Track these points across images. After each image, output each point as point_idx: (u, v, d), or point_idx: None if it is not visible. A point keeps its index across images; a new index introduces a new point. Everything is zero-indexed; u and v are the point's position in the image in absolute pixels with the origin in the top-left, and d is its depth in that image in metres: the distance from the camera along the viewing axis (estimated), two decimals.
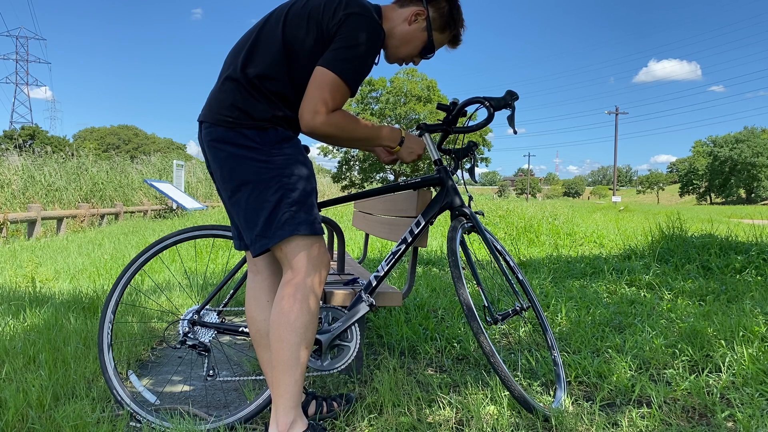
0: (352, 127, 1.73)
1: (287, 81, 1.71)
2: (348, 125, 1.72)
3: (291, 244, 1.68)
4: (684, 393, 2.16)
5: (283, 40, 1.70)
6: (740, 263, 4.67)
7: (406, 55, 1.92)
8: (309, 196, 1.72)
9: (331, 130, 1.67)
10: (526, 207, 13.78)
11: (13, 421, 1.88)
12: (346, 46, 1.66)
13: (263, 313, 1.83)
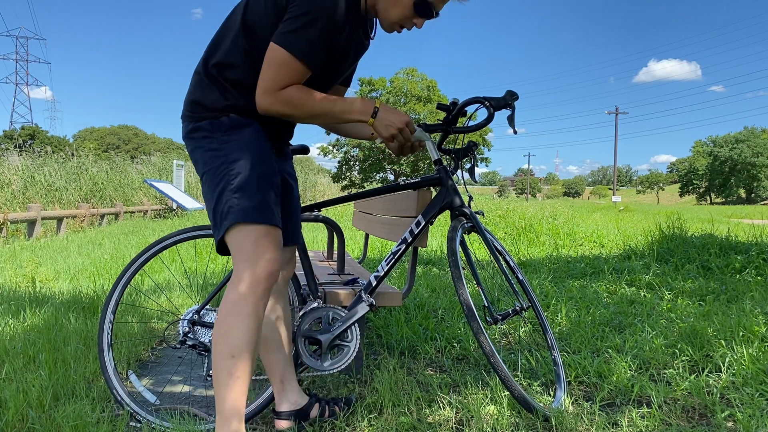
0: (309, 103, 1.58)
1: (247, 66, 1.62)
2: (303, 101, 1.57)
3: (232, 235, 1.55)
4: (684, 393, 2.16)
5: (242, 24, 1.62)
6: (740, 263, 4.67)
7: (399, 16, 1.69)
8: (256, 181, 1.57)
9: (283, 108, 1.57)
10: (526, 207, 13.78)
11: (13, 421, 1.88)
12: (294, 17, 1.53)
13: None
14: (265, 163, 1.62)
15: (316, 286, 2.11)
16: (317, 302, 2.05)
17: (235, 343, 1.52)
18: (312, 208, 2.29)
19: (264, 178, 1.59)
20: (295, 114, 1.61)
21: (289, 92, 1.56)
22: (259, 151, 1.62)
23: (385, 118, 1.68)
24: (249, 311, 1.53)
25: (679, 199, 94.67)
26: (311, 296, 2.07)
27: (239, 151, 1.59)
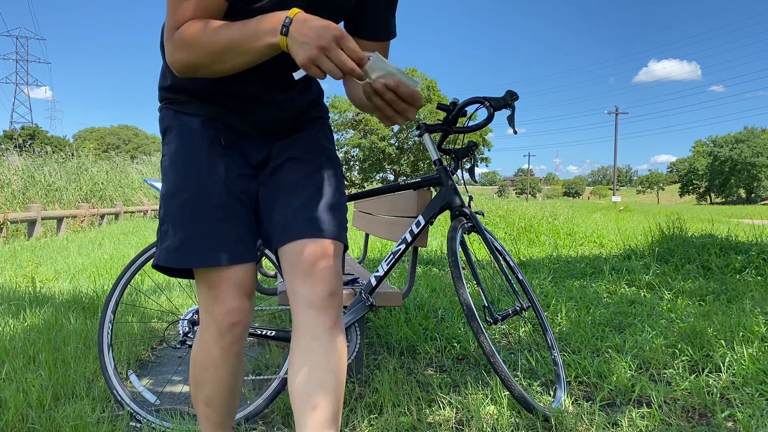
0: (205, 37, 1.08)
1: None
2: (198, 36, 1.08)
3: (196, 278, 1.27)
4: (684, 393, 2.16)
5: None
6: (740, 263, 4.67)
7: None
8: (179, 211, 1.21)
9: (181, 54, 1.09)
10: (526, 207, 13.78)
11: (13, 421, 1.88)
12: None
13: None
14: (191, 185, 1.20)
15: None
16: None
17: (207, 394, 1.34)
18: None
19: (191, 205, 1.20)
20: (196, 59, 1.09)
21: (183, 30, 1.09)
22: (185, 165, 1.22)
23: (300, 32, 0.99)
24: (218, 363, 1.30)
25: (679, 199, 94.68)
26: None
27: (168, 166, 1.25)
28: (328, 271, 1.20)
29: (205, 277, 1.22)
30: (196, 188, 1.20)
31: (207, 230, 1.19)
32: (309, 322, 1.17)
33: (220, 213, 1.20)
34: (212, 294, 1.22)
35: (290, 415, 2.03)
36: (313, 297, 1.17)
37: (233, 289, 1.22)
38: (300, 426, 1.14)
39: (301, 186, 1.26)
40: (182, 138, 1.24)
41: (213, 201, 1.20)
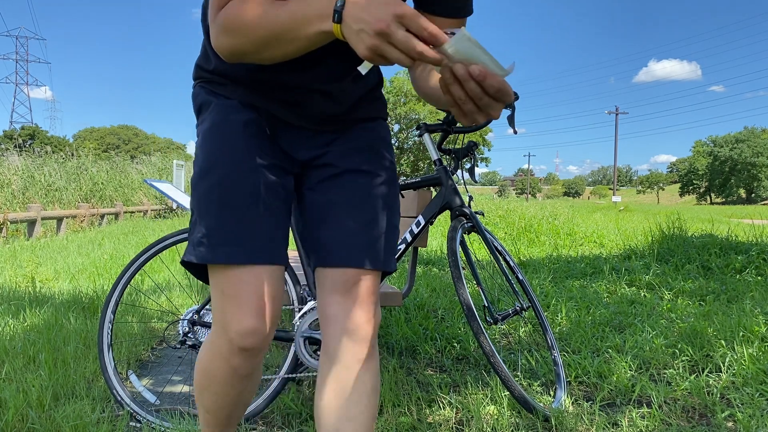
0: (252, 21, 0.93)
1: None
2: (245, 20, 0.93)
3: (210, 281, 1.09)
4: (684, 393, 2.16)
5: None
6: (740, 263, 4.67)
7: None
8: (205, 197, 1.06)
9: (229, 40, 0.95)
10: (526, 207, 13.78)
11: (13, 421, 1.88)
12: None
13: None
14: (222, 166, 1.05)
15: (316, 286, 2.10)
16: (317, 302, 2.05)
17: (207, 404, 1.21)
18: None
19: (220, 189, 1.04)
20: (241, 46, 0.95)
21: (228, 12, 0.95)
22: (217, 143, 1.07)
23: (355, 17, 0.82)
24: (223, 380, 1.13)
25: (679, 199, 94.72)
26: (311, 296, 2.07)
27: (199, 145, 1.11)
28: (372, 300, 1.10)
29: (221, 281, 1.04)
30: (227, 170, 1.05)
31: (236, 220, 1.03)
32: (342, 351, 1.07)
33: (253, 202, 1.04)
34: (228, 302, 1.03)
35: (291, 415, 2.03)
36: (351, 325, 1.07)
37: (254, 301, 1.03)
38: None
39: (360, 206, 1.11)
40: (218, 114, 1.10)
41: (246, 187, 1.04)
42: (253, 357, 1.08)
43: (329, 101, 1.11)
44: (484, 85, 0.79)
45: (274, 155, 1.09)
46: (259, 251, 1.03)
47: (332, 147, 1.14)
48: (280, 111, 1.10)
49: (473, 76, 0.79)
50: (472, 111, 0.83)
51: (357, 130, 1.16)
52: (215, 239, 1.03)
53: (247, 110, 1.09)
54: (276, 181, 1.07)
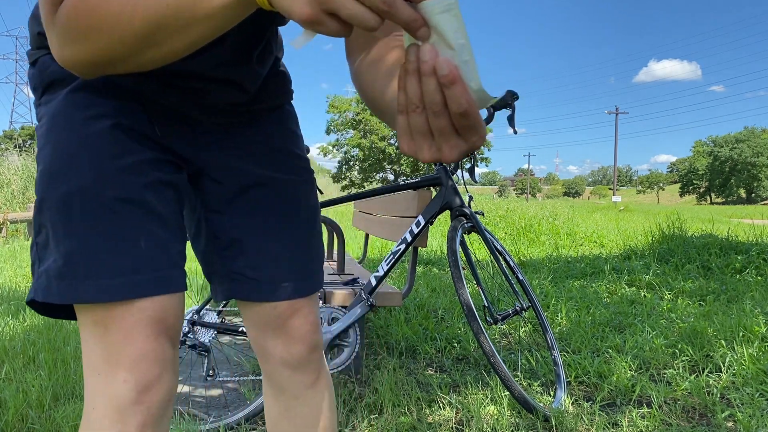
0: (116, 10, 0.61)
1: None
2: (104, 11, 0.61)
3: (79, 323, 0.76)
4: (684, 393, 2.16)
5: None
6: (740, 263, 4.68)
7: None
8: (60, 211, 0.73)
9: (81, 48, 0.64)
10: (526, 207, 13.78)
11: (13, 421, 1.88)
12: None
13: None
14: (84, 163, 0.74)
15: None
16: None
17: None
18: None
19: (81, 199, 0.73)
20: (102, 50, 0.63)
21: (68, 7, 0.63)
22: (71, 136, 0.75)
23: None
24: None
25: (680, 199, 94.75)
26: None
27: (44, 134, 0.78)
28: (311, 327, 0.95)
29: (100, 315, 0.72)
30: (92, 170, 0.73)
31: (110, 238, 0.72)
32: (288, 382, 0.95)
33: (133, 211, 0.74)
34: (108, 339, 0.72)
35: None
36: (290, 357, 0.93)
37: (147, 326, 0.73)
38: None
39: (282, 226, 0.91)
40: (77, 93, 0.77)
41: (120, 193, 0.73)
42: (156, 411, 0.74)
43: (233, 89, 0.86)
44: (449, 93, 0.49)
45: (158, 148, 0.80)
46: (148, 280, 0.73)
47: (239, 149, 0.90)
48: (168, 98, 0.82)
49: (439, 73, 0.49)
50: (419, 130, 0.52)
51: (265, 124, 0.93)
52: (82, 268, 0.71)
53: (117, 92, 0.78)
54: (162, 180, 0.78)
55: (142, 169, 0.76)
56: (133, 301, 0.72)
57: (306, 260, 0.94)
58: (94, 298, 0.71)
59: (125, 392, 0.71)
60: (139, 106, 0.80)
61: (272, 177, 0.91)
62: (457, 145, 0.52)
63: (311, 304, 0.96)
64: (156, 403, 0.74)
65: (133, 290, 0.72)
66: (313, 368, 0.96)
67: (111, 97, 0.78)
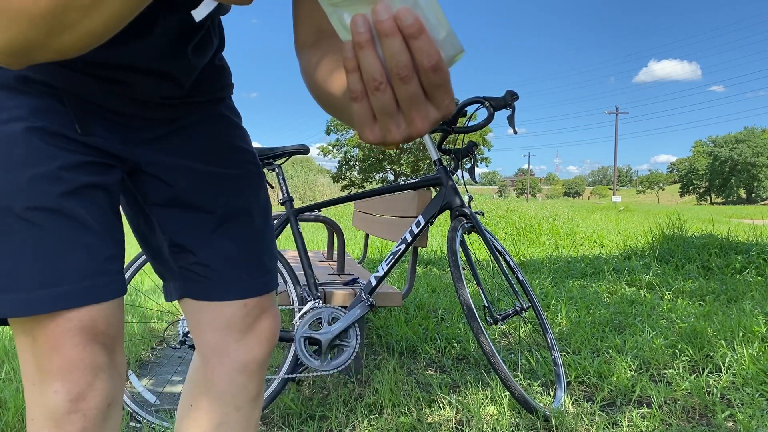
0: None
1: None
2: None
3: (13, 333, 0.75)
4: (684, 393, 2.16)
5: None
6: (740, 263, 4.68)
7: None
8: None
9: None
10: (526, 207, 13.79)
11: (13, 421, 1.88)
12: None
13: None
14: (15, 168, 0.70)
15: (316, 286, 2.11)
16: (317, 302, 2.05)
17: None
18: (312, 208, 2.30)
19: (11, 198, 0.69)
20: (17, 34, 0.55)
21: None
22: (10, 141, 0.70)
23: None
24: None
25: (680, 199, 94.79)
26: (311, 296, 2.07)
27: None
28: (276, 327, 0.93)
29: (27, 325, 0.71)
30: (7, 180, 0.69)
31: (22, 252, 0.69)
32: (235, 390, 0.91)
33: (47, 221, 0.70)
34: (37, 349, 0.70)
35: (291, 415, 2.03)
36: (252, 359, 0.91)
37: (75, 335, 0.70)
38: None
39: (230, 222, 0.88)
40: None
41: (31, 201, 0.69)
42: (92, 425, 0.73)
43: (165, 82, 0.80)
44: (416, 46, 0.43)
45: (80, 150, 0.74)
46: (72, 291, 0.70)
47: (179, 144, 0.86)
48: (94, 93, 0.76)
49: (403, 23, 0.42)
50: (386, 109, 0.46)
51: (206, 119, 0.89)
52: (0, 282, 0.69)
53: (34, 88, 0.73)
54: (85, 183, 0.73)
55: (58, 176, 0.71)
56: (59, 314, 0.69)
57: (260, 256, 0.91)
58: (12, 313, 0.68)
59: (58, 402, 0.70)
60: (58, 104, 0.74)
61: (216, 173, 0.88)
62: (428, 112, 0.46)
63: (274, 303, 0.94)
64: (93, 409, 0.72)
65: (54, 303, 0.69)
66: (262, 377, 0.94)
67: (25, 96, 0.72)
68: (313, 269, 2.13)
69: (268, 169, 2.21)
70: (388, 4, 0.43)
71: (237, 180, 0.90)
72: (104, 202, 0.76)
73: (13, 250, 0.69)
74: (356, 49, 0.44)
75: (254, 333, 0.91)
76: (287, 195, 2.21)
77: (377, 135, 0.48)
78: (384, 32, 0.43)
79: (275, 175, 2.24)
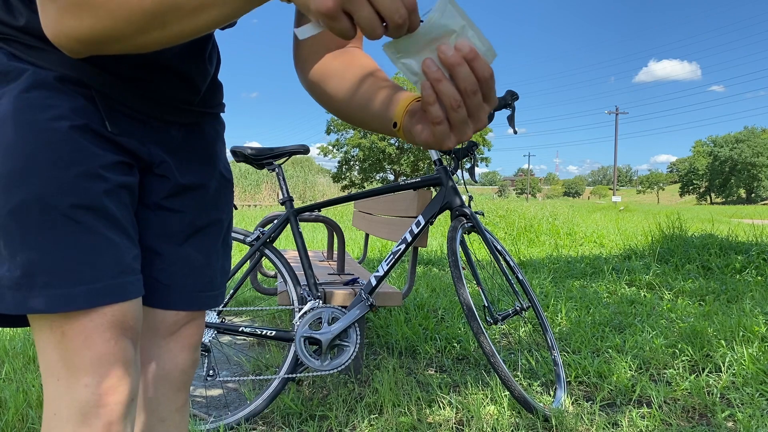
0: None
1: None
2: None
3: (33, 329, 0.74)
4: (684, 393, 2.16)
5: None
6: (740, 263, 4.68)
7: None
8: (16, 219, 0.69)
9: (82, 22, 0.62)
10: (526, 207, 13.78)
11: (13, 421, 1.88)
12: None
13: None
14: (40, 169, 0.70)
15: (316, 286, 2.11)
16: (317, 302, 2.05)
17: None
18: (312, 208, 2.30)
19: (40, 207, 0.69)
20: (105, 28, 0.62)
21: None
22: (24, 139, 0.70)
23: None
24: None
25: (680, 199, 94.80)
26: (311, 296, 2.07)
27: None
28: (199, 338, 0.94)
29: (57, 321, 0.70)
30: (50, 177, 0.69)
31: (71, 247, 0.70)
32: (160, 400, 0.90)
33: (90, 220, 0.71)
34: (66, 344, 0.70)
35: (291, 415, 2.03)
36: (174, 369, 0.91)
37: (106, 330, 0.72)
38: None
39: (203, 234, 0.90)
40: (29, 93, 0.71)
41: (77, 199, 0.70)
42: (119, 415, 0.73)
43: (185, 85, 0.84)
44: (476, 66, 0.58)
45: (114, 149, 0.77)
46: (107, 288, 0.72)
47: (182, 150, 0.87)
48: (120, 92, 0.78)
49: (463, 52, 0.57)
50: (463, 120, 0.60)
51: (207, 129, 0.92)
52: (41, 278, 0.68)
53: (70, 88, 0.74)
54: (120, 183, 0.76)
55: (101, 175, 0.73)
56: (94, 311, 0.71)
57: (216, 272, 0.93)
58: (53, 308, 0.69)
59: (87, 396, 0.71)
60: (90, 103, 0.75)
61: (204, 183, 0.90)
62: (486, 109, 0.61)
63: (204, 313, 0.94)
64: (120, 403, 0.73)
65: (92, 299, 0.71)
66: (187, 388, 0.94)
67: (65, 95, 0.73)
68: (313, 269, 2.13)
69: (269, 169, 2.20)
70: (446, 42, 0.57)
71: (217, 191, 0.92)
72: (128, 202, 0.79)
73: (55, 245, 0.70)
74: (434, 85, 0.57)
75: (177, 340, 0.91)
76: (287, 195, 2.21)
77: (455, 141, 0.62)
78: (455, 64, 0.57)
79: (275, 175, 2.23)
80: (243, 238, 2.12)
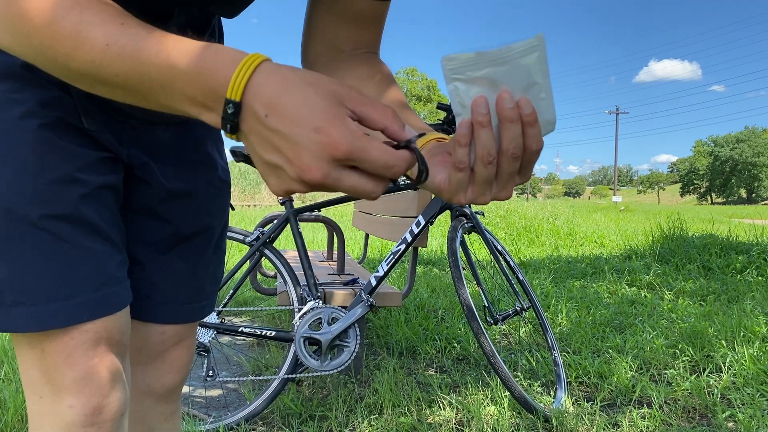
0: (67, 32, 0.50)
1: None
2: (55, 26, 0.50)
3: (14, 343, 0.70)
4: (685, 393, 2.15)
5: None
6: (741, 263, 4.67)
7: None
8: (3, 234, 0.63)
9: (8, 38, 0.53)
10: (526, 207, 13.78)
11: (13, 421, 1.88)
12: None
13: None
14: (8, 178, 0.63)
15: (316, 286, 2.11)
16: (317, 302, 2.05)
17: None
18: (312, 208, 2.29)
19: (7, 219, 0.63)
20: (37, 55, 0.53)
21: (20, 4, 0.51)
22: (9, 153, 0.64)
23: (268, 143, 0.48)
24: None
25: (680, 199, 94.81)
26: (311, 296, 2.07)
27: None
28: (190, 358, 0.88)
29: (36, 338, 0.65)
30: (20, 185, 0.63)
31: (37, 262, 0.63)
32: (146, 411, 0.86)
33: (64, 230, 0.65)
34: (47, 362, 0.65)
35: (290, 415, 2.03)
36: (160, 387, 0.86)
37: (90, 347, 0.66)
38: None
39: (191, 242, 0.83)
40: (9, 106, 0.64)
41: (49, 208, 0.64)
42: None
43: None
44: (530, 133, 0.53)
45: (93, 145, 0.70)
46: (86, 303, 0.65)
47: (167, 151, 0.80)
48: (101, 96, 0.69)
49: (523, 112, 0.51)
50: (488, 179, 0.54)
51: (197, 129, 0.84)
52: (10, 295, 0.63)
53: (40, 75, 0.65)
54: (100, 184, 0.69)
55: (77, 178, 0.66)
56: (74, 329, 0.65)
57: (203, 281, 0.86)
58: (24, 328, 0.63)
59: (73, 417, 0.66)
60: (65, 94, 0.67)
61: (194, 190, 0.82)
62: (516, 182, 0.56)
63: (194, 332, 0.89)
64: (109, 421, 0.68)
65: (70, 317, 0.64)
66: (176, 398, 0.90)
67: (34, 86, 0.65)
68: (313, 269, 2.12)
69: None
70: (510, 89, 0.51)
71: (210, 198, 0.85)
72: (112, 203, 0.71)
73: (25, 260, 0.63)
74: (476, 128, 0.52)
75: (165, 362, 0.85)
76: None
77: (469, 198, 0.56)
78: (508, 119, 0.51)
79: None
80: (243, 239, 2.12)
